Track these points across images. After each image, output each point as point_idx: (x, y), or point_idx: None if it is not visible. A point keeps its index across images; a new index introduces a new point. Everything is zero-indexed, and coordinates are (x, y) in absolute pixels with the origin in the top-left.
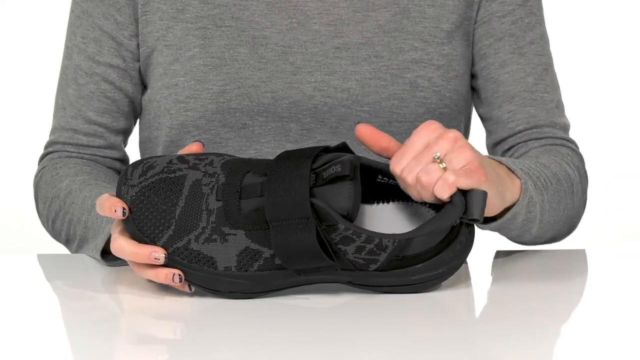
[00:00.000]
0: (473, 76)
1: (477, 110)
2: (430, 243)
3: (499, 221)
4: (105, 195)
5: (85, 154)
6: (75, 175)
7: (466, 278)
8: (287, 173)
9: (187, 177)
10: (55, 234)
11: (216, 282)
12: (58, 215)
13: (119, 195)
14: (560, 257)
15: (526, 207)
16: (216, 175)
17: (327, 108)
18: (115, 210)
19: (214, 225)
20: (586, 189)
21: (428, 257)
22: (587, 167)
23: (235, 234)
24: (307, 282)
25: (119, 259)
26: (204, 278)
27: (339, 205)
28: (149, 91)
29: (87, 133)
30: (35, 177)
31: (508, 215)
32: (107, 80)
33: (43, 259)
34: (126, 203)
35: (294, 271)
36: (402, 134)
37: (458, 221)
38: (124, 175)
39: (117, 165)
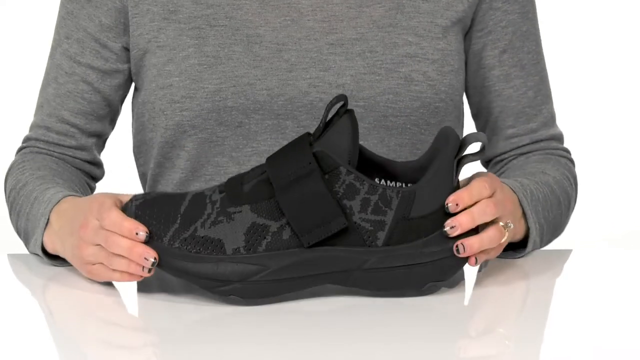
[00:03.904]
0: (471, 80)
1: (473, 114)
2: (436, 199)
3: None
4: (120, 217)
5: (54, 151)
6: (37, 169)
7: (465, 280)
8: (285, 147)
9: (189, 192)
10: (13, 226)
11: (224, 268)
12: (13, 206)
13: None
14: (562, 258)
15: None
16: (215, 187)
17: (322, 104)
18: (137, 234)
19: (219, 209)
20: (576, 198)
21: (435, 222)
22: (578, 172)
23: (241, 211)
24: (314, 271)
25: (60, 258)
26: (211, 268)
27: (340, 149)
28: (142, 93)
29: (59, 132)
30: (7, 170)
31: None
32: (85, 81)
33: (13, 259)
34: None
35: (306, 245)
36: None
37: (465, 161)
38: (128, 201)
39: (86, 167)
